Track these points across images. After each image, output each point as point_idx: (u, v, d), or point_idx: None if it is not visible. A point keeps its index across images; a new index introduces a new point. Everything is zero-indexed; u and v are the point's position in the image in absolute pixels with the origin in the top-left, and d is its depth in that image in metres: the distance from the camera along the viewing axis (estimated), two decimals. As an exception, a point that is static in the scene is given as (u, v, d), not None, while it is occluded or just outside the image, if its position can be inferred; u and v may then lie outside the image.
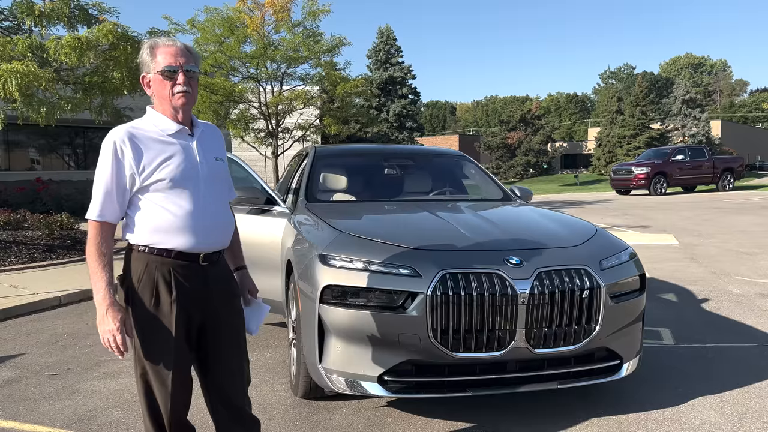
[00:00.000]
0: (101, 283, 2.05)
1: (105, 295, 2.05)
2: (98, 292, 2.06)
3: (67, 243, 9.29)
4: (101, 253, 2.07)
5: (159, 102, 2.19)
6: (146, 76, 2.18)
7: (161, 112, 2.19)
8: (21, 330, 5.36)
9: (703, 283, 6.77)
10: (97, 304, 2.06)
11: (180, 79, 2.13)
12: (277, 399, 3.62)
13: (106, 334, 2.04)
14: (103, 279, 2.05)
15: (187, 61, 2.14)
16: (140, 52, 2.19)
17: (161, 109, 2.19)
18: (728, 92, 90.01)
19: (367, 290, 2.97)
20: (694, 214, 14.74)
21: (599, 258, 3.23)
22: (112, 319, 2.04)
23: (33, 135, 18.71)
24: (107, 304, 2.04)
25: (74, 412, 3.51)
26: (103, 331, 2.05)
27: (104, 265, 2.07)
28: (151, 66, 2.15)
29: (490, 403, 3.45)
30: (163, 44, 2.15)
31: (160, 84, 2.14)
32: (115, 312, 2.05)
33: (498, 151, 47.70)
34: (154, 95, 2.19)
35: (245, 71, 18.22)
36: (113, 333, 2.04)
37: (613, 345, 3.23)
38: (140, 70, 2.21)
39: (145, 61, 2.17)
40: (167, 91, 2.14)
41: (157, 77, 2.14)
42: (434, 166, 5.51)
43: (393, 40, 40.86)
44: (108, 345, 2.05)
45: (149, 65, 2.15)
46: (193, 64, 2.15)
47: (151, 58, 2.14)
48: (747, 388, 3.68)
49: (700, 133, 43.26)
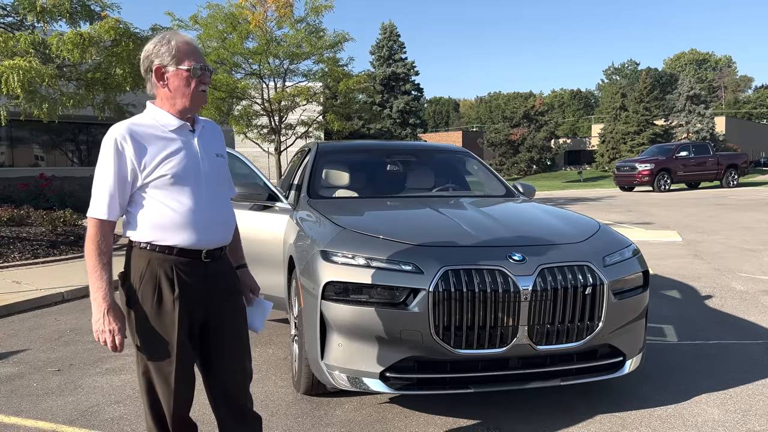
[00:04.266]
0: (101, 282, 2.04)
1: (106, 294, 2.04)
2: (98, 290, 2.04)
3: (70, 239, 9.31)
4: (101, 252, 2.05)
5: (172, 97, 2.13)
6: (165, 69, 2.11)
7: (166, 108, 2.15)
8: (24, 326, 5.37)
9: (707, 279, 6.74)
10: (96, 303, 2.04)
11: (207, 79, 2.16)
12: (279, 395, 3.62)
13: (103, 334, 2.04)
14: (103, 278, 2.04)
15: (205, 62, 2.17)
16: (158, 42, 2.12)
17: (167, 105, 2.15)
18: (733, 88, 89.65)
19: (369, 287, 2.96)
20: (698, 211, 14.70)
21: (602, 254, 3.22)
22: (113, 319, 2.04)
23: (36, 131, 18.76)
24: (108, 304, 2.03)
25: (76, 407, 3.51)
26: (101, 330, 2.04)
27: (104, 264, 2.05)
28: (174, 60, 2.10)
29: (493, 400, 3.44)
30: (185, 40, 2.14)
31: (183, 80, 2.11)
32: (116, 312, 2.05)
33: (501, 148, 47.64)
34: (168, 89, 2.12)
35: (248, 67, 18.21)
36: (114, 333, 2.03)
37: (615, 342, 3.22)
38: (151, 62, 2.12)
39: (160, 52, 2.10)
40: (191, 88, 2.12)
41: (183, 73, 2.10)
42: (437, 162, 5.49)
43: (396, 36, 40.83)
44: (104, 342, 2.05)
45: (171, 59, 2.10)
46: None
47: (174, 51, 2.10)
48: (750, 385, 3.66)
49: (705, 129, 43.12)
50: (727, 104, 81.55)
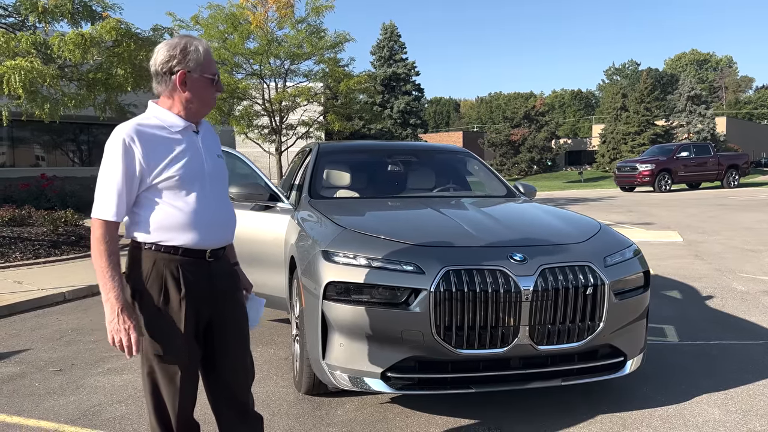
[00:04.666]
0: (112, 282, 2.01)
1: (118, 294, 2.01)
2: (110, 291, 2.01)
3: (72, 239, 9.32)
4: (110, 252, 2.03)
5: (189, 101, 2.14)
6: (190, 75, 2.11)
7: (173, 110, 2.15)
8: (26, 326, 5.38)
9: (708, 280, 6.74)
10: (109, 304, 2.01)
11: (221, 86, 2.25)
12: (281, 395, 3.62)
13: (119, 333, 2.01)
14: (114, 278, 2.02)
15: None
16: (182, 48, 2.11)
17: (178, 107, 2.15)
18: (734, 89, 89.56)
19: (371, 287, 2.97)
20: (699, 211, 14.69)
21: (603, 255, 3.22)
22: (127, 318, 2.01)
23: (37, 131, 18.77)
24: (121, 304, 2.01)
25: (78, 407, 3.52)
26: (116, 330, 2.01)
27: (114, 265, 2.03)
28: (200, 67, 2.13)
29: (494, 400, 3.45)
30: (210, 49, 2.20)
31: (205, 86, 2.16)
32: (129, 311, 2.03)
33: (502, 148, 47.59)
34: (189, 93, 2.13)
35: (249, 68, 18.23)
36: (128, 332, 2.01)
37: (616, 342, 3.22)
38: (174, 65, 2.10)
39: (190, 60, 2.11)
40: (210, 94, 2.20)
41: (206, 80, 2.15)
42: (438, 162, 5.49)
43: (397, 36, 40.82)
44: (119, 345, 2.02)
45: (196, 65, 2.12)
46: None
47: (203, 60, 2.13)
48: (751, 385, 3.67)
49: (705, 129, 43.06)
50: (728, 105, 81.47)
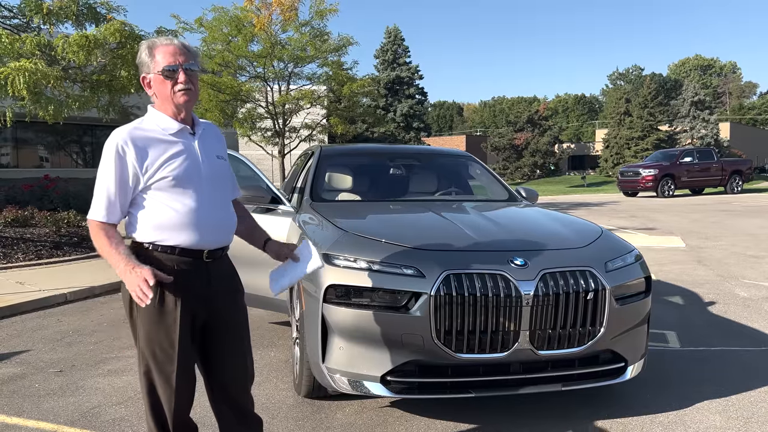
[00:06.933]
0: (119, 255, 2.04)
1: (128, 260, 2.03)
2: (120, 261, 2.03)
3: (74, 240, 9.33)
4: (110, 236, 2.09)
5: (160, 101, 2.19)
6: (146, 77, 2.18)
7: (163, 112, 2.19)
8: (27, 326, 5.38)
9: (710, 286, 6.72)
10: (124, 268, 2.02)
11: (181, 77, 2.14)
12: (280, 398, 3.62)
13: (138, 280, 1.98)
14: (120, 251, 2.05)
15: (186, 59, 2.15)
16: (138, 53, 2.19)
17: (163, 108, 2.19)
18: (737, 94, 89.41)
19: (371, 290, 2.96)
20: (702, 217, 14.66)
21: (604, 260, 3.22)
22: (140, 268, 2.00)
23: (41, 132, 18.82)
24: (132, 264, 2.02)
25: (78, 408, 3.52)
26: (133, 283, 1.99)
27: (117, 243, 2.08)
28: (151, 66, 2.15)
29: (493, 405, 3.44)
30: (162, 43, 2.16)
31: (161, 84, 2.15)
32: (140, 266, 2.01)
33: (505, 152, 47.55)
34: (155, 95, 2.19)
35: (252, 70, 18.25)
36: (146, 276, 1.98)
37: (617, 347, 3.21)
38: (139, 71, 2.20)
39: (144, 62, 2.17)
40: (168, 90, 2.14)
41: (158, 77, 2.14)
42: (440, 166, 5.50)
43: (401, 40, 40.87)
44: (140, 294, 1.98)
45: (148, 65, 2.16)
46: (192, 62, 2.16)
47: (150, 59, 2.15)
48: (753, 392, 3.65)
49: (709, 135, 43.00)
50: (731, 110, 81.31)
